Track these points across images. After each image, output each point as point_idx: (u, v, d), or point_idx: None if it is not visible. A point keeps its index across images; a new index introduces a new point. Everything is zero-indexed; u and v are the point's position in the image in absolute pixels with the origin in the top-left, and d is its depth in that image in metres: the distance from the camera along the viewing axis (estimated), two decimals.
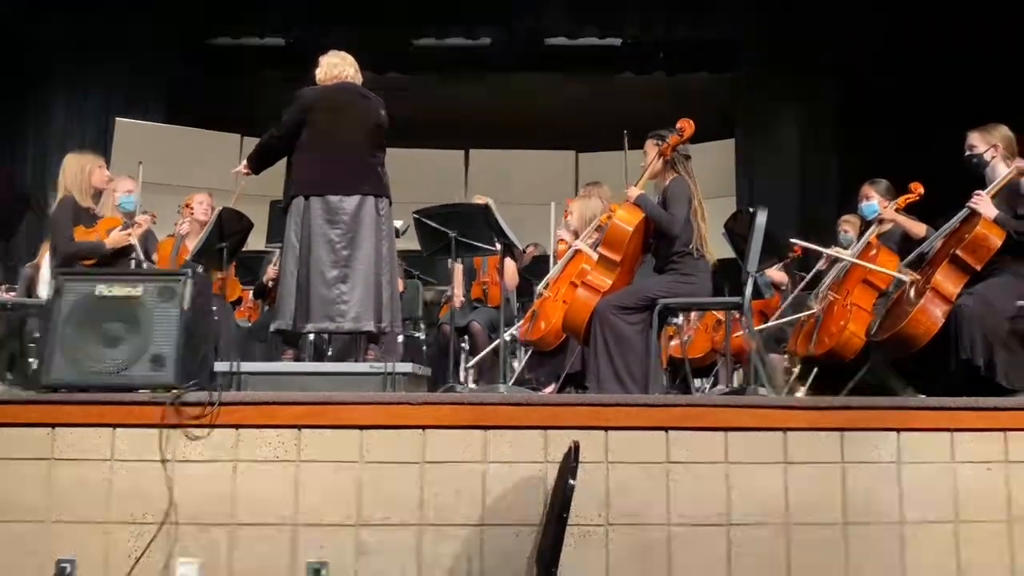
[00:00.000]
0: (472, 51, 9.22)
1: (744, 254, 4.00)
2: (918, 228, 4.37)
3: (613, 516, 2.88)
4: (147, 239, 4.46)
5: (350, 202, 3.72)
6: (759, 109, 8.91)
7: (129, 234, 4.13)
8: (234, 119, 8.82)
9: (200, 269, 3.98)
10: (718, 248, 4.58)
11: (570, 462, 2.64)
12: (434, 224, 4.49)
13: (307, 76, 9.22)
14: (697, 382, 6.53)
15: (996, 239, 3.51)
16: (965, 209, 3.67)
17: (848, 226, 5.05)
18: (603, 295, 3.74)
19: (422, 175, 9.27)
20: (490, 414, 2.86)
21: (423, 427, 2.85)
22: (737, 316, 4.88)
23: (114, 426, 2.81)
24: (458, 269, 5.28)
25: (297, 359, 3.94)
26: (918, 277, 3.68)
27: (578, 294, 3.79)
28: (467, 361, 5.33)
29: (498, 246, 4.46)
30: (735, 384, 5.45)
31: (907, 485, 2.93)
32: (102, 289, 2.87)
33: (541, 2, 8.79)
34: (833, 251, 4.72)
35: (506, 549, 2.84)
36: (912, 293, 3.63)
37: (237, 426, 2.83)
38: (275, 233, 4.56)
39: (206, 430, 2.82)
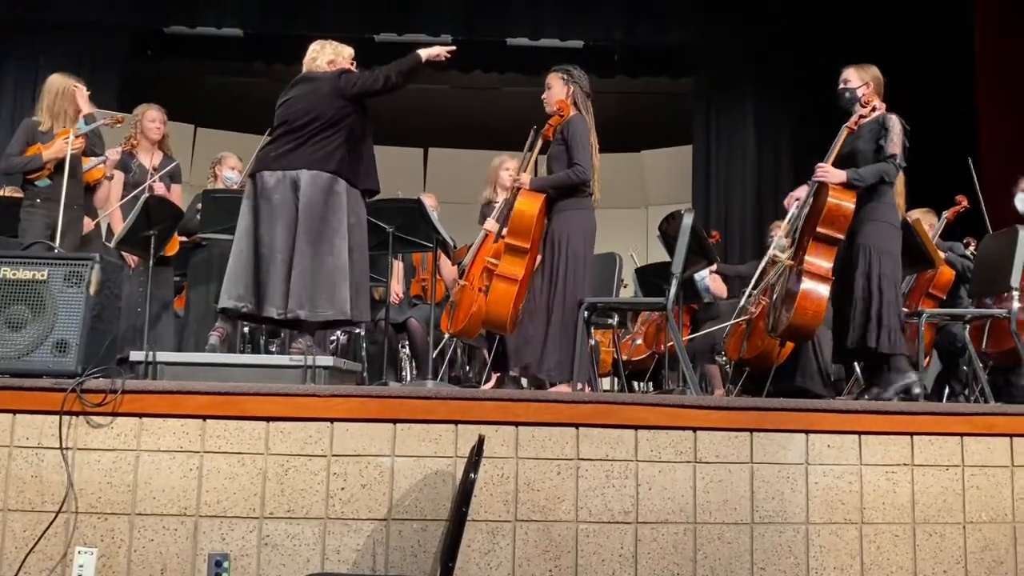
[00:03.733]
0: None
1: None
2: None
3: (521, 512, 2.87)
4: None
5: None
6: (716, 116, 8.98)
7: (67, 143, 4.08)
8: (189, 109, 8.75)
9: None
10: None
11: (473, 456, 2.64)
12: (372, 219, 4.48)
13: (266, 68, 9.18)
14: (640, 385, 6.60)
15: (848, 204, 3.60)
16: (814, 182, 3.74)
17: (779, 231, 5.09)
18: (520, 282, 3.78)
19: (380, 172, 9.24)
20: (398, 407, 2.85)
21: (331, 420, 2.83)
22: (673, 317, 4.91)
23: (14, 412, 2.76)
24: (397, 265, 5.26)
25: (227, 338, 3.88)
26: (792, 263, 3.72)
27: (496, 287, 3.80)
28: (407, 358, 5.32)
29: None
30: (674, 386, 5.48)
31: (814, 486, 2.96)
32: (7, 272, 2.82)
33: (503, 2, 8.79)
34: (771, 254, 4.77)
35: (412, 543, 2.83)
36: (792, 281, 3.67)
37: (141, 415, 2.79)
38: (208, 222, 4.50)
39: (108, 418, 2.77)
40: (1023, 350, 3.82)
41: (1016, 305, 3.76)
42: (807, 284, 3.53)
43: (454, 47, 3.93)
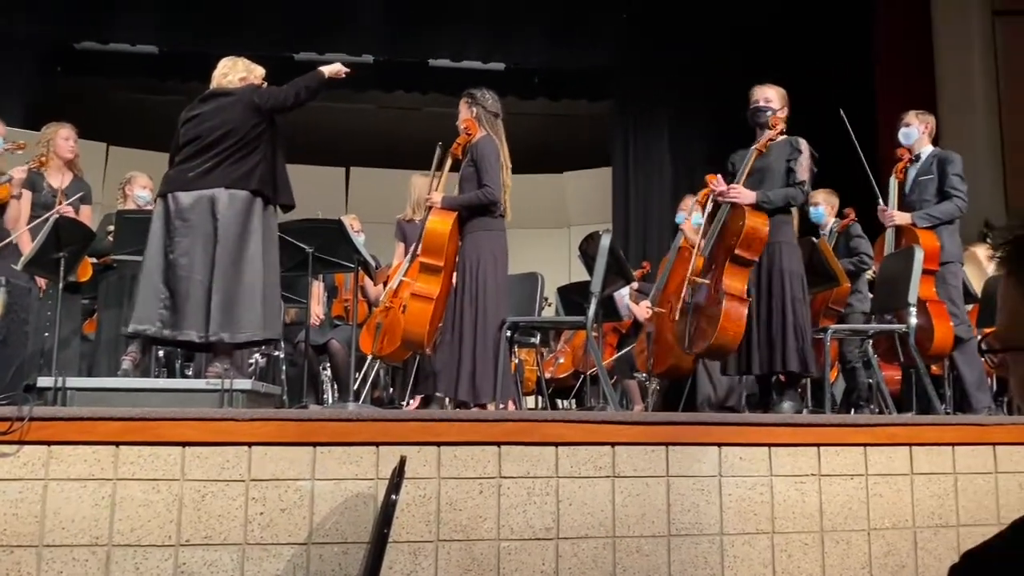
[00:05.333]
0: (354, 68, 9.16)
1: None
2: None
3: (444, 532, 2.88)
4: None
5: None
6: (633, 137, 9.20)
7: None
8: (101, 127, 8.52)
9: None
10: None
11: (395, 477, 2.64)
12: (291, 239, 4.44)
13: (181, 85, 9.04)
14: (564, 402, 6.68)
15: (764, 227, 3.77)
16: (726, 205, 3.90)
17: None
18: (435, 300, 3.81)
19: (301, 192, 9.12)
20: (318, 430, 2.83)
21: (249, 444, 2.79)
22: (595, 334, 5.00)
23: None
24: (317, 286, 5.23)
25: (140, 362, 3.79)
26: (707, 281, 3.86)
27: (411, 306, 3.83)
28: (328, 380, 5.27)
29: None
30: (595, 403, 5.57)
31: (727, 498, 3.05)
32: None
33: (425, 24, 8.86)
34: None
35: (333, 567, 2.80)
36: (706, 299, 3.80)
37: (49, 442, 2.70)
38: (121, 243, 4.39)
39: (14, 446, 2.68)
40: (922, 364, 4.03)
41: (914, 320, 3.96)
42: (729, 306, 3.66)
43: (349, 69, 4.00)
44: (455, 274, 4.03)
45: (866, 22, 8.35)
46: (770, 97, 4.07)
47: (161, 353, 4.69)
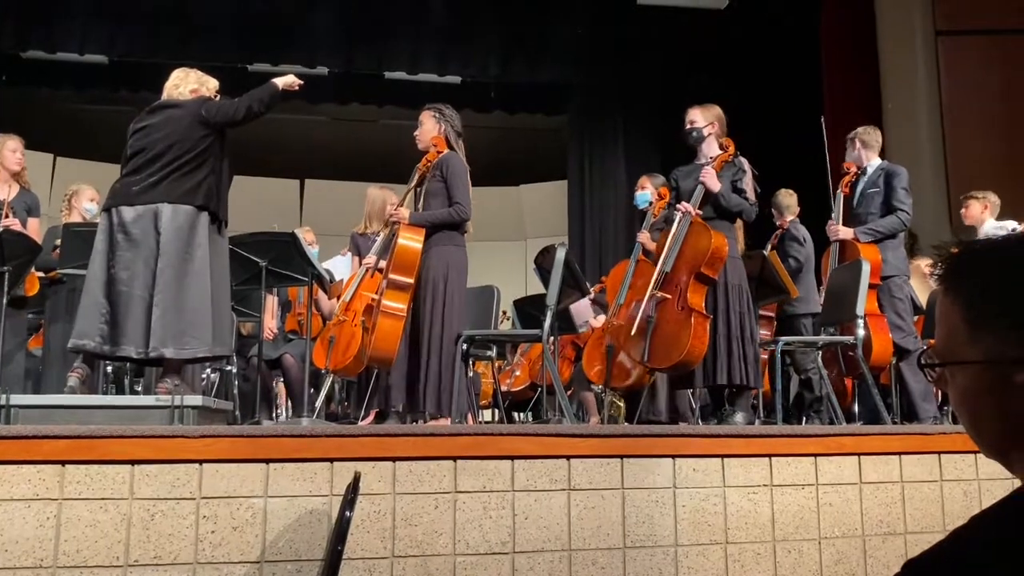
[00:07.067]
0: (309, 80, 9.12)
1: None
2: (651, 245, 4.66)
3: (399, 548, 2.86)
4: None
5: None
6: (589, 150, 9.28)
7: None
8: (48, 138, 8.35)
9: None
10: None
11: (349, 494, 2.62)
12: (244, 252, 4.39)
13: (132, 95, 8.92)
14: (521, 415, 6.69)
15: (725, 246, 3.85)
16: (684, 219, 3.96)
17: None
18: (404, 320, 3.79)
19: (255, 204, 9.08)
20: (271, 447, 2.79)
21: (200, 461, 2.75)
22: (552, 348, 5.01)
23: None
24: (270, 300, 5.17)
25: (87, 378, 3.71)
26: (668, 296, 3.91)
27: (382, 323, 3.80)
28: (281, 395, 5.21)
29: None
30: (552, 416, 5.58)
31: (681, 509, 3.08)
32: None
33: (381, 36, 8.85)
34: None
35: None
36: (667, 315, 3.85)
37: None
38: (68, 257, 4.30)
39: None
40: (869, 375, 4.11)
41: (862, 332, 4.05)
42: (696, 322, 3.71)
43: (302, 81, 3.98)
44: (419, 286, 4.01)
45: (815, 45, 8.56)
46: (694, 118, 4.19)
47: (109, 369, 4.60)
